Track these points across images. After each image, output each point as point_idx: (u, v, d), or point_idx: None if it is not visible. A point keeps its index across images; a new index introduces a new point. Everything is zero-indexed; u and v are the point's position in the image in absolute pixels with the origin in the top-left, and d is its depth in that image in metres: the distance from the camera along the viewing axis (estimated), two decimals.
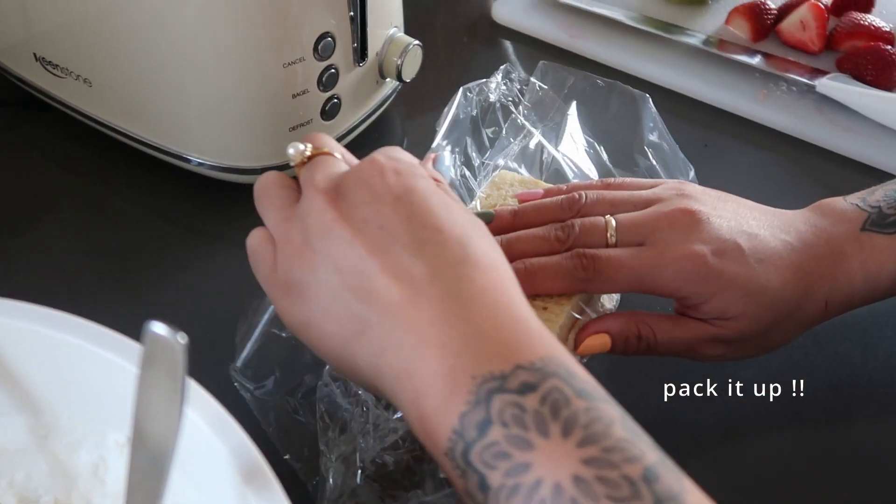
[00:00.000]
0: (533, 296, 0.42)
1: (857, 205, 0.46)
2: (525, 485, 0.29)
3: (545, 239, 0.43)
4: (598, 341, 0.43)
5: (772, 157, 0.64)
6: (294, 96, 0.53)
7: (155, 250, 0.56)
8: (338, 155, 0.39)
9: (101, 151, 0.59)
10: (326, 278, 0.34)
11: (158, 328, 0.26)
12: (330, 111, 0.56)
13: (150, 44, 0.51)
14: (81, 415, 0.36)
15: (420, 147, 0.65)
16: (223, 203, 0.58)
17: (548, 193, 0.47)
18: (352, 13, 0.54)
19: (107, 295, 0.53)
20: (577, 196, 0.45)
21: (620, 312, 0.45)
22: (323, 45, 0.53)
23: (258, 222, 0.58)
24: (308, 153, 0.39)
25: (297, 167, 0.39)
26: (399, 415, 0.41)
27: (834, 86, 0.66)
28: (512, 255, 0.41)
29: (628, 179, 0.48)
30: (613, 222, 0.43)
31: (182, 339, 0.26)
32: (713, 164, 0.63)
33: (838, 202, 0.46)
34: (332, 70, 0.54)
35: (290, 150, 0.39)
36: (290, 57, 0.52)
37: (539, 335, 0.33)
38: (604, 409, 0.31)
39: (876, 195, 0.46)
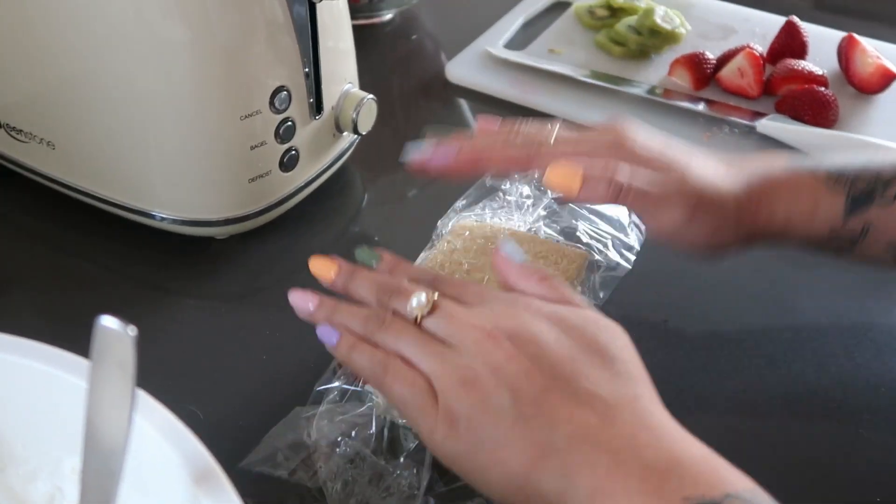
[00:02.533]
0: None
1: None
2: None
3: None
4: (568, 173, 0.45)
5: None
6: (252, 148, 0.55)
7: (122, 312, 0.56)
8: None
9: (65, 215, 0.61)
10: (502, 408, 0.36)
11: (108, 321, 0.27)
12: (288, 163, 0.57)
13: (111, 103, 0.53)
14: (36, 442, 0.36)
15: (381, 199, 0.67)
16: (188, 259, 0.59)
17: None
18: (306, 69, 0.56)
19: None
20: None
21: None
22: (279, 99, 0.55)
23: (223, 277, 0.59)
24: (432, 300, 0.40)
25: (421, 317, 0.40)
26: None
27: (774, 125, 0.69)
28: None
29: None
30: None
31: (132, 331, 0.27)
32: None
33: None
34: (289, 123, 0.56)
35: (414, 303, 0.40)
36: (247, 110, 0.54)
37: (733, 468, 0.35)
38: None
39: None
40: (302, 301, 0.44)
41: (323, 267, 0.45)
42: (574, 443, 0.35)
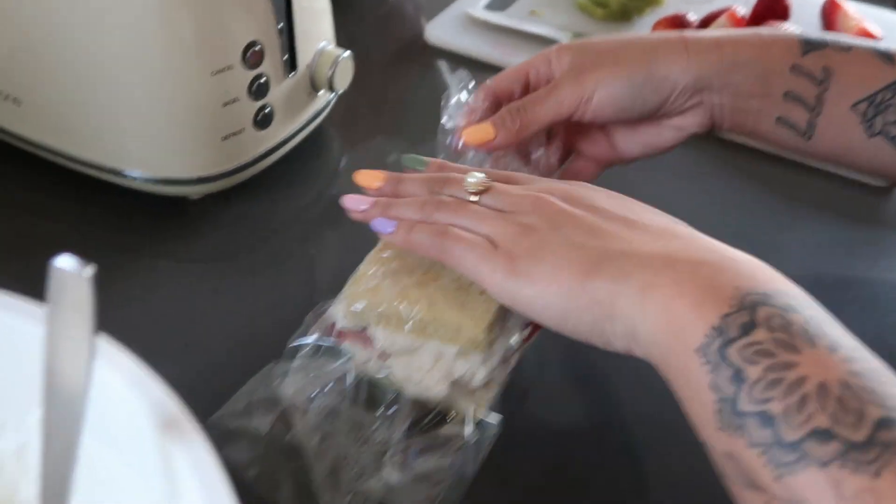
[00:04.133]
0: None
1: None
2: (788, 379, 0.31)
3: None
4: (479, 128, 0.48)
5: (700, 154, 0.66)
6: (224, 104, 0.54)
7: (98, 275, 0.55)
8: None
9: (36, 177, 0.59)
10: (559, 243, 0.38)
11: (64, 262, 0.26)
12: (262, 121, 0.56)
13: (79, 57, 0.52)
14: (0, 395, 0.35)
15: (359, 162, 0.66)
16: (163, 221, 0.58)
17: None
18: (280, 25, 0.55)
19: None
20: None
21: None
22: (251, 54, 0.54)
23: (199, 239, 0.58)
24: (487, 180, 0.43)
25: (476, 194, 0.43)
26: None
27: None
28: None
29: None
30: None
31: (88, 272, 0.26)
32: (649, 164, 0.64)
33: None
34: (263, 79, 0.55)
35: (471, 180, 0.43)
36: (219, 65, 0.53)
37: (785, 277, 0.36)
38: (862, 345, 0.33)
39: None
40: (355, 203, 0.44)
41: (369, 176, 0.46)
42: (626, 252, 0.37)
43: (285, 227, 0.59)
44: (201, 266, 0.56)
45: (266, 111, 0.56)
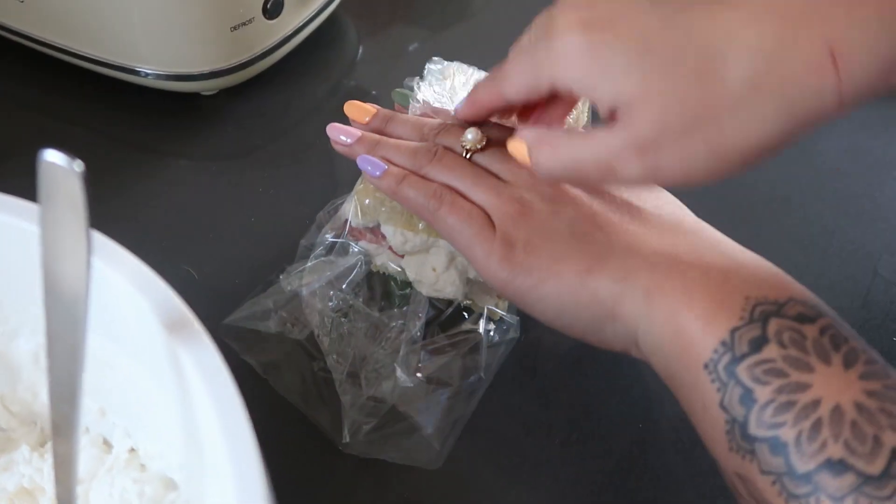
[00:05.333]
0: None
1: None
2: (801, 402, 0.28)
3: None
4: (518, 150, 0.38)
5: None
6: None
7: (114, 175, 0.54)
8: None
9: (48, 78, 0.58)
10: (559, 229, 0.36)
11: (52, 156, 0.25)
12: (272, 9, 0.54)
13: None
14: (12, 299, 0.35)
15: (377, 52, 0.63)
16: (178, 119, 0.56)
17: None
18: None
19: None
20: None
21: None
22: None
23: (213, 136, 0.57)
24: (485, 136, 0.39)
25: (472, 151, 0.39)
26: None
27: None
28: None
29: None
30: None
31: (78, 166, 0.25)
32: None
33: None
34: None
35: (469, 136, 0.39)
36: None
37: (794, 280, 0.33)
38: (878, 356, 0.30)
39: None
40: (339, 133, 0.42)
41: (359, 109, 0.43)
42: (631, 249, 0.34)
43: (302, 121, 0.57)
44: (217, 163, 0.55)
45: None
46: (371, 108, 0.43)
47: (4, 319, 0.36)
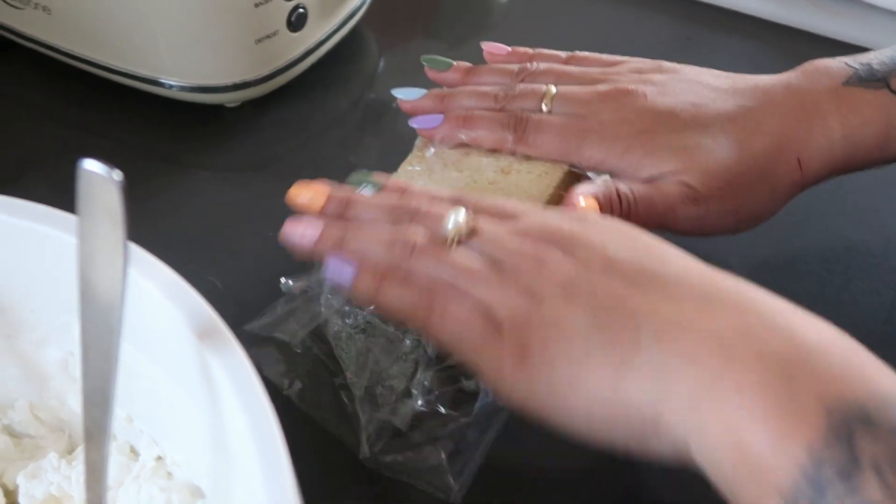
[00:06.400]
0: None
1: (845, 63, 0.44)
2: None
3: (485, 96, 0.45)
4: (590, 203, 0.38)
5: (757, 45, 0.62)
6: (257, 5, 0.52)
7: (138, 185, 0.54)
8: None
9: (72, 89, 0.58)
10: (577, 324, 0.30)
11: (91, 165, 0.25)
12: (296, 22, 0.54)
13: None
14: (43, 307, 0.35)
15: (398, 65, 0.64)
16: (201, 130, 0.57)
17: (514, 55, 0.48)
18: None
19: None
20: (528, 64, 0.46)
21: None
22: None
23: (237, 148, 0.57)
24: (470, 219, 0.34)
25: (457, 241, 0.34)
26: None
27: None
28: (453, 106, 0.44)
29: (596, 56, 0.47)
30: (553, 90, 0.43)
31: (117, 176, 0.25)
32: (697, 58, 0.61)
33: (825, 61, 0.44)
34: None
35: (450, 226, 0.34)
36: None
37: (871, 355, 0.27)
38: None
39: (869, 55, 0.44)
40: (295, 230, 0.35)
41: (309, 191, 0.37)
42: (665, 336, 0.28)
43: (324, 132, 0.58)
44: (240, 175, 0.55)
45: (300, 11, 0.54)
46: (323, 187, 0.37)
47: (33, 327, 0.36)
